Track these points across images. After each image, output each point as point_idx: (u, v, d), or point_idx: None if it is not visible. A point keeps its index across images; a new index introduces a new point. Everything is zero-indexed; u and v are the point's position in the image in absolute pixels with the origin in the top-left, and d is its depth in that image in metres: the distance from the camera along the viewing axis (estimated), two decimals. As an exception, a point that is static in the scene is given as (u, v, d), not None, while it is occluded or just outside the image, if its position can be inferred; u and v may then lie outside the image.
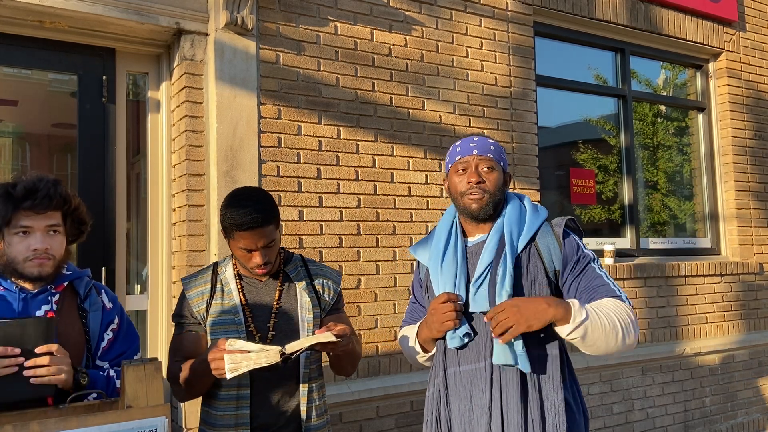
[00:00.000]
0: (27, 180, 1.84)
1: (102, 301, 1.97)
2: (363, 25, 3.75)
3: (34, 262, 1.81)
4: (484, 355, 1.91)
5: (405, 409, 3.65)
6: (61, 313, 1.87)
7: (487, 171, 1.99)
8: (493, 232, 1.98)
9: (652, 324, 4.77)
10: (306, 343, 1.82)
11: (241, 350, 1.79)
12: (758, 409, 5.34)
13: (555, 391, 1.87)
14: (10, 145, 3.57)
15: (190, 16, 3.28)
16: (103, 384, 1.84)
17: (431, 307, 1.93)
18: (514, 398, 1.85)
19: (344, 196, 3.60)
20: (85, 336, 1.89)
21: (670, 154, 5.52)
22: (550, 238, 1.97)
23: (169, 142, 3.47)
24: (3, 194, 1.81)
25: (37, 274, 1.82)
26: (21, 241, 1.81)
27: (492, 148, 2.02)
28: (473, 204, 1.97)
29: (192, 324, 2.09)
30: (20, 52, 3.17)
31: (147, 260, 3.45)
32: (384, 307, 3.66)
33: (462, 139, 2.07)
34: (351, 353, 2.11)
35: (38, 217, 1.82)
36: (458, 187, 2.01)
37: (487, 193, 1.97)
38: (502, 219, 2.00)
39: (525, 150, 4.29)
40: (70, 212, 1.92)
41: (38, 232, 1.83)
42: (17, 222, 1.81)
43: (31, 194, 1.81)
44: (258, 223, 1.96)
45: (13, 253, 1.81)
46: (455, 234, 2.04)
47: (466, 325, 1.92)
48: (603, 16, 4.76)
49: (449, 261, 1.99)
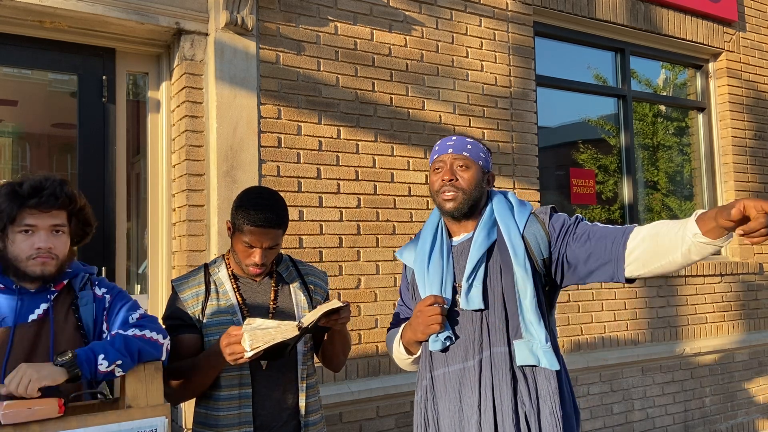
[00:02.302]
0: (33, 179, 1.84)
1: (94, 292, 1.95)
2: (363, 25, 3.75)
3: (37, 261, 1.80)
4: (472, 354, 1.92)
5: (405, 409, 3.66)
6: (56, 312, 1.86)
7: (462, 169, 1.99)
8: (480, 228, 1.99)
9: (652, 324, 4.77)
10: (318, 312, 1.88)
11: (260, 328, 1.82)
12: (758, 409, 5.34)
13: (548, 380, 1.88)
14: (10, 145, 3.58)
15: (190, 16, 3.28)
16: (102, 345, 1.74)
17: (417, 309, 1.94)
18: (507, 395, 1.86)
19: (344, 196, 3.60)
20: (80, 331, 1.88)
21: (670, 154, 5.52)
22: (536, 227, 1.97)
23: (169, 142, 3.47)
24: (9, 192, 1.81)
25: (40, 273, 1.81)
26: (25, 239, 1.80)
27: (469, 147, 2.03)
28: (447, 203, 1.99)
29: (187, 326, 2.08)
30: (20, 52, 3.17)
31: (147, 260, 3.45)
32: (384, 307, 3.66)
33: (442, 139, 2.10)
34: (346, 335, 2.20)
35: (43, 215, 1.82)
36: (434, 186, 2.04)
37: (461, 191, 1.98)
38: (489, 215, 2.01)
39: (525, 150, 4.29)
40: (76, 212, 1.91)
41: (42, 231, 1.82)
42: (22, 220, 1.80)
43: (37, 192, 1.80)
44: (271, 223, 2.00)
45: (16, 251, 1.80)
46: (441, 235, 2.06)
47: (449, 329, 1.93)
48: (603, 16, 4.77)
49: (435, 262, 2.00)
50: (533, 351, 1.86)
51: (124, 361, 1.72)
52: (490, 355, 1.90)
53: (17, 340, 1.78)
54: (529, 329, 1.88)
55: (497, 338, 1.90)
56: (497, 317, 1.92)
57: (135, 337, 1.79)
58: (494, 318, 1.92)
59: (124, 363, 1.72)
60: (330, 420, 3.38)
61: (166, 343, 1.86)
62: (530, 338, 1.87)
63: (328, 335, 2.18)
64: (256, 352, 1.81)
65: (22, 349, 1.77)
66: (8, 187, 1.82)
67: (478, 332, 1.92)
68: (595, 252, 1.85)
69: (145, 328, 1.83)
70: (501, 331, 1.90)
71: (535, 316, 1.87)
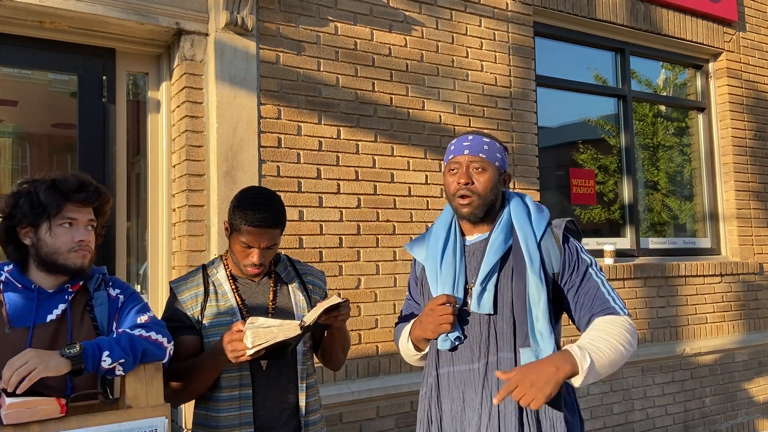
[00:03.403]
0: (74, 175, 1.90)
1: (108, 293, 1.97)
2: (363, 25, 3.75)
3: (79, 253, 1.84)
4: (478, 356, 1.91)
5: (405, 409, 3.66)
6: (72, 312, 1.87)
7: (478, 171, 1.96)
8: (497, 231, 1.96)
9: (652, 324, 4.77)
10: (319, 310, 1.89)
11: (263, 326, 1.83)
12: (758, 409, 5.34)
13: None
14: (10, 145, 3.58)
15: (190, 17, 3.28)
16: (108, 342, 1.73)
17: (428, 307, 1.93)
18: (511, 400, 1.84)
19: (344, 196, 3.60)
20: (95, 331, 1.89)
21: (670, 154, 5.52)
22: (550, 241, 1.95)
23: (169, 142, 3.47)
24: (50, 186, 1.85)
25: (80, 264, 1.85)
26: (66, 232, 1.84)
27: (485, 148, 1.98)
28: (463, 208, 1.97)
29: (186, 327, 2.08)
30: (20, 52, 3.17)
31: (147, 260, 3.45)
32: (384, 307, 3.66)
33: (458, 138, 2.05)
34: (346, 333, 2.21)
35: (83, 210, 1.87)
36: (449, 188, 2.01)
37: (476, 194, 1.95)
38: (506, 219, 1.99)
39: (525, 150, 4.29)
40: (103, 211, 1.97)
41: (81, 224, 1.87)
42: (66, 213, 1.84)
43: (83, 187, 1.86)
44: (268, 223, 2.00)
45: (57, 244, 1.83)
46: (455, 233, 2.03)
47: (459, 329, 1.93)
48: (603, 16, 4.77)
49: (448, 261, 1.98)
50: (537, 357, 1.85)
51: (126, 360, 1.72)
52: (496, 359, 1.89)
53: (35, 340, 1.79)
54: (537, 339, 1.86)
55: (504, 344, 1.90)
56: (505, 322, 1.91)
57: (141, 337, 1.79)
58: (502, 323, 1.91)
59: (126, 362, 1.72)
60: (330, 420, 3.38)
61: (170, 347, 1.86)
62: (537, 348, 1.86)
63: (328, 333, 2.18)
64: (258, 350, 1.82)
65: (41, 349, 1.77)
66: (46, 182, 1.86)
67: (485, 335, 1.91)
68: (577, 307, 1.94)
69: (151, 329, 1.84)
70: (508, 336, 1.90)
71: (547, 326, 1.86)
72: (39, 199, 1.83)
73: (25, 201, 1.84)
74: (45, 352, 1.64)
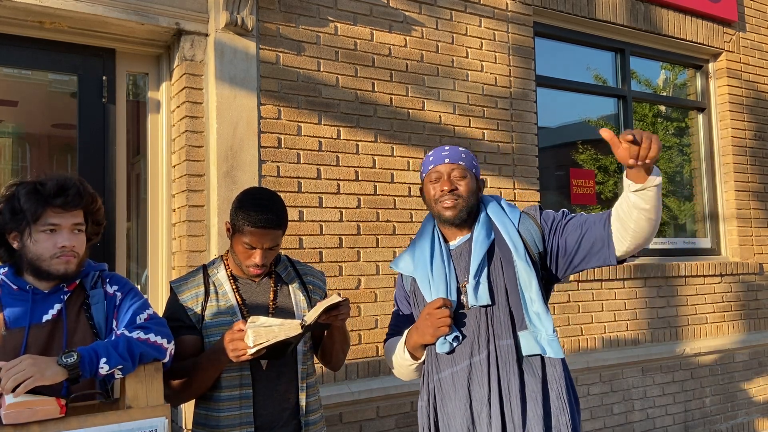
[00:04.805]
0: (55, 178, 1.84)
1: (105, 290, 1.95)
2: (363, 26, 3.75)
3: (61, 260, 1.81)
4: (478, 349, 1.97)
5: (405, 410, 3.66)
6: (68, 311, 1.87)
7: (459, 178, 2.07)
8: (478, 228, 2.05)
9: (652, 324, 4.77)
10: (319, 309, 1.90)
11: (264, 326, 1.84)
12: (758, 409, 5.34)
13: (553, 366, 1.96)
14: (10, 145, 3.58)
15: (190, 17, 3.28)
16: (105, 348, 1.71)
17: (425, 312, 1.97)
18: (515, 384, 1.92)
19: (344, 196, 3.60)
20: (92, 330, 1.88)
21: (670, 154, 5.52)
22: (529, 223, 2.07)
23: (169, 143, 3.47)
24: (31, 191, 1.81)
25: (64, 271, 1.81)
26: (48, 238, 1.80)
27: (463, 156, 2.10)
28: (447, 211, 2.05)
29: (186, 327, 2.08)
30: (20, 53, 3.17)
31: (147, 261, 3.45)
32: (384, 307, 3.66)
33: (434, 149, 2.16)
34: (346, 332, 2.22)
35: (66, 215, 1.83)
36: (431, 195, 2.10)
37: (461, 198, 2.05)
38: (484, 217, 2.08)
39: (525, 150, 4.29)
40: (93, 212, 1.93)
41: (65, 230, 1.83)
42: (46, 219, 1.80)
43: (62, 191, 1.81)
44: (271, 224, 2.01)
45: (39, 251, 1.80)
46: (438, 240, 2.11)
47: (456, 330, 1.98)
48: (603, 16, 4.77)
49: (438, 266, 2.05)
50: (538, 341, 1.94)
51: (125, 365, 1.71)
52: (495, 348, 1.96)
53: (31, 341, 1.78)
54: (534, 321, 1.95)
55: (502, 331, 1.97)
56: (502, 311, 1.98)
57: (139, 340, 1.78)
58: (499, 312, 1.98)
59: (125, 367, 1.72)
60: (330, 420, 3.37)
61: (170, 347, 1.85)
62: (535, 329, 1.95)
63: (328, 333, 2.19)
64: (259, 349, 1.82)
65: (36, 350, 1.77)
66: (27, 186, 1.82)
67: (483, 327, 1.98)
68: (588, 238, 1.96)
69: (150, 331, 1.82)
70: (506, 324, 1.97)
71: (543, 307, 1.96)
72: (20, 204, 1.80)
73: (7, 207, 1.81)
74: (42, 360, 1.62)
